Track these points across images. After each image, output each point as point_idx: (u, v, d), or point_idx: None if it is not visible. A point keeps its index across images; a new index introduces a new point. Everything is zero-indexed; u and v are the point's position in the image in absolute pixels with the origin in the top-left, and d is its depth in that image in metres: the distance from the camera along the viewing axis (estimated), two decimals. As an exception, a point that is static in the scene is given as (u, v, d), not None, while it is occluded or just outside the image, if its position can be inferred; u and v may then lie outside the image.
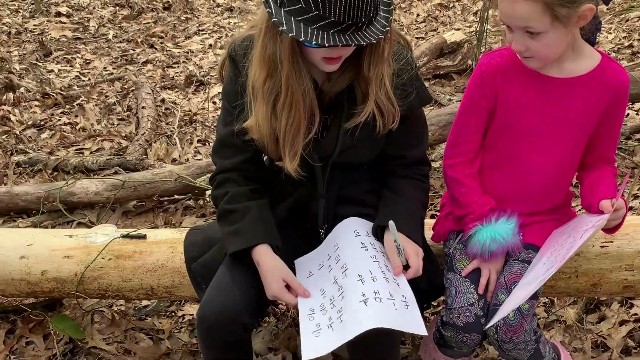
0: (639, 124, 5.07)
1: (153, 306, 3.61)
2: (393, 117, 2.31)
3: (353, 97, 2.33)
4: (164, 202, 4.71)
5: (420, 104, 2.45)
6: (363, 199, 2.58)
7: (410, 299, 2.19)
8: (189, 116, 6.19)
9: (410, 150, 2.52)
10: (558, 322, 3.28)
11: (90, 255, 3.08)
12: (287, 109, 2.24)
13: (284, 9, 2.02)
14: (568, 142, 2.43)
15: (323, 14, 1.98)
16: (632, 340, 3.13)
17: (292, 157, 2.33)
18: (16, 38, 8.72)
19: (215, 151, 2.55)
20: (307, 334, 2.16)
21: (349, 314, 2.13)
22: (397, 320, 2.09)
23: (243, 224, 2.38)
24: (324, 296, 2.28)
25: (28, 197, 4.52)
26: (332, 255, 2.42)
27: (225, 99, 2.47)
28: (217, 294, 2.35)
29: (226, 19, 9.45)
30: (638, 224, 2.77)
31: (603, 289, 2.79)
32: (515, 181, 2.52)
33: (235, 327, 2.29)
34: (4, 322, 3.50)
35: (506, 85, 2.39)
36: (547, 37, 2.13)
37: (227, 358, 2.43)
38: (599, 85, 2.32)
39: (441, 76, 6.79)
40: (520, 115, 2.40)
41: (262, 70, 2.21)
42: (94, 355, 3.29)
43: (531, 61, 2.27)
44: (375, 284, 2.19)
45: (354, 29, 2.03)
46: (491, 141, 2.52)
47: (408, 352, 3.15)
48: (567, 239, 2.35)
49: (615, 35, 7.04)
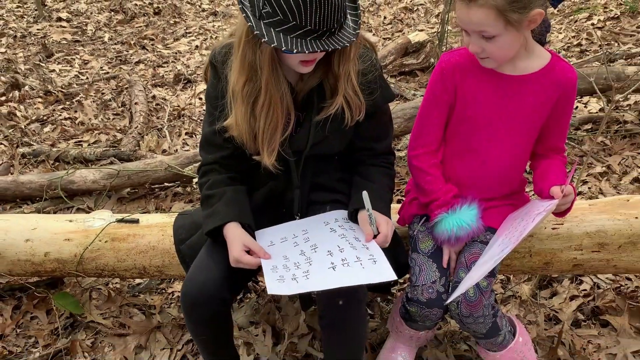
0: (587, 116, 5.10)
1: (145, 284, 3.60)
2: (359, 109, 2.34)
3: (322, 93, 2.34)
4: (155, 189, 4.70)
5: (384, 101, 2.46)
6: (334, 186, 2.59)
7: (378, 255, 2.19)
8: (177, 111, 6.17)
9: (377, 143, 2.55)
10: (514, 297, 3.29)
11: (89, 238, 3.09)
12: (265, 110, 2.25)
13: (263, 22, 2.02)
14: (521, 134, 2.44)
15: (300, 23, 1.98)
16: (581, 313, 3.15)
17: (270, 153, 2.34)
18: (21, 41, 8.67)
19: (201, 147, 2.57)
20: (272, 280, 2.16)
21: (318, 276, 2.15)
22: (365, 276, 2.10)
23: (218, 205, 2.40)
24: (286, 260, 2.28)
25: (32, 185, 4.50)
26: (300, 236, 2.42)
27: (208, 101, 2.48)
28: (198, 272, 2.36)
29: (211, 22, 9.41)
30: (586, 208, 2.79)
31: (555, 267, 2.81)
32: (474, 169, 2.53)
33: (215, 302, 2.30)
34: (10, 299, 3.49)
35: (464, 81, 2.40)
36: (501, 40, 2.14)
37: (208, 330, 2.43)
38: (549, 82, 2.33)
39: (406, 73, 6.79)
40: (477, 109, 2.41)
41: (241, 75, 2.21)
42: (92, 328, 3.29)
43: (487, 62, 2.28)
44: (343, 253, 2.21)
45: (328, 34, 2.04)
46: (452, 132, 2.52)
47: (377, 325, 3.15)
48: (520, 222, 2.36)
49: (565, 35, 7.06)
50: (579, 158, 4.41)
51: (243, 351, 3.02)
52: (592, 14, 7.38)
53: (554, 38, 7.01)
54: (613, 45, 6.52)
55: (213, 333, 2.46)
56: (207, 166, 2.53)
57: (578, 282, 3.35)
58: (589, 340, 2.97)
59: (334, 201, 2.56)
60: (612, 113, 4.94)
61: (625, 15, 7.16)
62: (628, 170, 4.32)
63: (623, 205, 2.76)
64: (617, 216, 2.71)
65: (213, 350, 2.57)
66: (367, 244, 2.28)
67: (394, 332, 2.83)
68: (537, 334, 3.00)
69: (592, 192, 4.11)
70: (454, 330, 3.08)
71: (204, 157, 2.55)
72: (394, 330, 2.82)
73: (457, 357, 2.93)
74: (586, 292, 3.28)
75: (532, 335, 2.96)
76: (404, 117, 4.71)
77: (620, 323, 3.01)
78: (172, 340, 3.17)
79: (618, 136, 4.75)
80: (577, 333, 3.01)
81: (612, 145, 4.64)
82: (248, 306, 3.30)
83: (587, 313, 3.15)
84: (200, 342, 2.54)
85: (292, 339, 3.09)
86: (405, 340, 2.81)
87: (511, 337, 2.58)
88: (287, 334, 3.11)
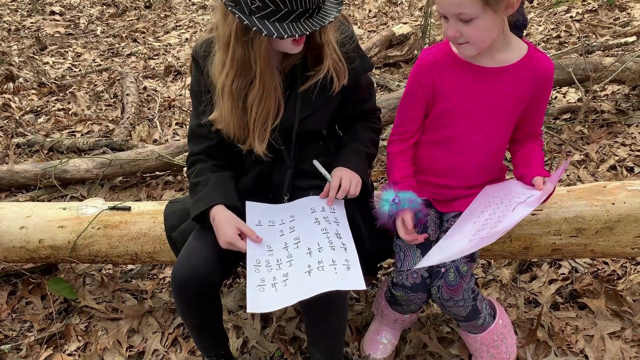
0: (566, 106, 5.09)
1: (137, 270, 3.60)
2: (344, 74, 2.37)
3: (305, 65, 2.36)
4: (146, 178, 4.68)
5: (364, 70, 2.51)
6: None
7: (352, 261, 2.19)
8: (168, 102, 6.14)
9: (364, 105, 2.62)
10: (494, 281, 3.31)
11: (82, 225, 3.08)
12: (257, 101, 2.25)
13: (255, 17, 2.01)
14: (500, 124, 2.44)
15: (292, 8, 2.00)
16: (560, 297, 3.17)
17: (261, 141, 2.35)
18: (15, 34, 8.62)
19: (189, 139, 2.58)
20: (253, 287, 2.16)
21: (294, 281, 2.15)
22: (337, 282, 2.09)
23: (203, 191, 2.41)
24: (270, 254, 2.29)
25: (27, 174, 4.49)
26: (287, 223, 2.42)
27: (193, 96, 2.49)
28: (188, 256, 2.36)
29: (200, 15, 9.37)
30: (564, 194, 2.80)
31: (534, 251, 2.83)
32: (455, 158, 2.52)
33: (204, 284, 2.31)
34: (6, 285, 3.49)
35: (443, 76, 2.38)
36: (480, 22, 2.11)
37: (198, 312, 2.44)
38: (527, 73, 2.32)
39: (390, 65, 6.78)
40: (457, 100, 2.40)
41: (230, 71, 2.20)
42: (86, 313, 3.29)
43: (466, 48, 2.23)
44: (321, 254, 2.21)
45: (317, 10, 2.07)
46: (432, 124, 2.51)
47: (362, 309, 3.16)
48: (499, 204, 2.36)
49: (544, 27, 7.05)
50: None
51: (232, 334, 3.02)
52: (570, 6, 7.38)
53: (534, 30, 7.01)
54: (591, 37, 6.53)
55: (202, 315, 2.47)
56: (194, 157, 2.54)
57: (557, 267, 3.37)
58: (567, 322, 2.98)
59: (316, 187, 2.54)
60: (590, 103, 4.96)
61: (602, 8, 7.16)
62: (605, 158, 4.34)
63: (600, 191, 2.77)
64: (594, 202, 2.72)
65: (203, 332, 2.58)
66: (346, 243, 2.28)
67: (379, 315, 2.83)
68: (517, 317, 3.02)
69: (571, 180, 4.13)
70: (436, 313, 3.09)
71: (191, 149, 2.56)
72: (379, 313, 2.83)
73: (439, 338, 2.95)
74: (564, 275, 3.30)
75: (512, 317, 2.98)
76: (389, 107, 4.69)
77: (598, 305, 3.03)
78: (164, 324, 3.17)
79: (595, 125, 4.76)
80: (556, 315, 3.02)
81: (589, 134, 4.66)
82: (237, 291, 3.30)
83: (565, 296, 3.17)
84: (190, 325, 2.54)
85: (279, 322, 3.10)
86: (389, 323, 2.82)
87: (491, 320, 2.60)
88: (275, 317, 3.12)
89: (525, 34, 6.81)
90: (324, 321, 2.36)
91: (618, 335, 2.90)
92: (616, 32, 6.52)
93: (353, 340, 2.95)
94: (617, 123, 4.75)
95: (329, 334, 2.43)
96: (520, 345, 2.84)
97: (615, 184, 2.80)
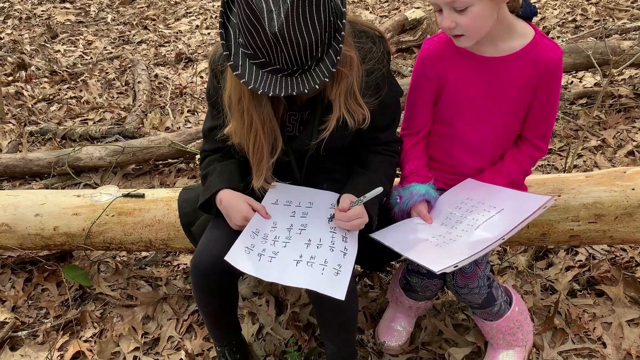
0: (582, 91, 5.06)
1: (151, 257, 3.62)
2: (363, 117, 2.22)
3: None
4: (159, 165, 4.69)
5: (391, 99, 2.36)
6: (334, 168, 2.55)
7: (344, 269, 2.13)
8: (179, 89, 6.15)
9: (382, 133, 2.44)
10: (510, 268, 3.30)
11: (96, 213, 3.10)
12: (253, 135, 2.20)
13: (242, 49, 1.96)
14: (506, 114, 2.37)
15: (269, 61, 1.92)
16: (577, 284, 3.16)
17: (258, 176, 2.31)
18: (26, 22, 8.64)
19: (203, 135, 2.55)
20: (241, 245, 2.17)
21: (279, 264, 2.15)
22: (319, 283, 2.06)
23: (209, 180, 2.40)
24: (272, 230, 2.29)
25: (40, 162, 4.51)
26: (303, 207, 2.40)
27: (208, 100, 2.43)
28: (209, 244, 2.35)
29: (210, 2, 9.35)
30: (583, 180, 2.80)
31: (551, 238, 2.82)
32: (461, 150, 2.50)
33: (225, 273, 2.27)
34: (22, 272, 3.51)
35: (446, 67, 2.34)
36: (474, 10, 2.05)
37: (217, 300, 2.45)
38: (529, 61, 2.24)
39: (403, 50, 6.74)
40: (462, 91, 2.36)
41: (235, 92, 2.15)
42: (101, 300, 3.31)
43: (462, 40, 2.17)
44: (318, 250, 2.19)
45: (300, 71, 1.97)
46: (439, 115, 2.48)
47: (376, 296, 3.17)
48: (468, 212, 2.31)
49: (560, 11, 7.01)
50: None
51: (248, 320, 3.03)
52: (586, -10, 7.35)
53: (549, 14, 6.96)
54: (608, 20, 6.49)
55: (220, 304, 2.48)
56: (205, 153, 2.55)
57: (574, 253, 3.35)
58: (585, 309, 2.98)
59: (331, 179, 2.50)
60: (607, 87, 4.93)
61: (619, -10, 7.12)
62: (622, 144, 4.31)
63: (619, 177, 2.76)
64: (614, 188, 2.72)
65: (217, 321, 2.59)
66: (348, 250, 2.21)
67: (394, 302, 2.84)
68: (534, 304, 3.01)
69: (587, 165, 4.11)
70: (452, 300, 3.09)
71: (203, 146, 2.57)
72: (393, 300, 2.84)
73: (455, 325, 2.95)
74: (582, 262, 3.29)
75: (529, 305, 2.97)
76: (402, 93, 4.68)
77: (615, 293, 3.02)
78: (178, 311, 3.18)
79: (613, 110, 4.74)
80: (573, 302, 3.02)
81: (607, 119, 4.63)
82: (252, 278, 3.30)
83: (582, 283, 3.16)
84: (205, 313, 2.54)
85: (294, 309, 3.11)
86: (404, 310, 2.82)
87: (507, 307, 2.59)
88: (290, 304, 3.14)
89: (540, 18, 6.79)
90: (333, 315, 2.35)
91: (637, 322, 2.89)
92: (634, 15, 6.48)
93: (368, 328, 2.96)
94: (635, 108, 4.72)
95: (340, 326, 2.42)
96: (537, 332, 2.84)
97: (636, 169, 2.79)
